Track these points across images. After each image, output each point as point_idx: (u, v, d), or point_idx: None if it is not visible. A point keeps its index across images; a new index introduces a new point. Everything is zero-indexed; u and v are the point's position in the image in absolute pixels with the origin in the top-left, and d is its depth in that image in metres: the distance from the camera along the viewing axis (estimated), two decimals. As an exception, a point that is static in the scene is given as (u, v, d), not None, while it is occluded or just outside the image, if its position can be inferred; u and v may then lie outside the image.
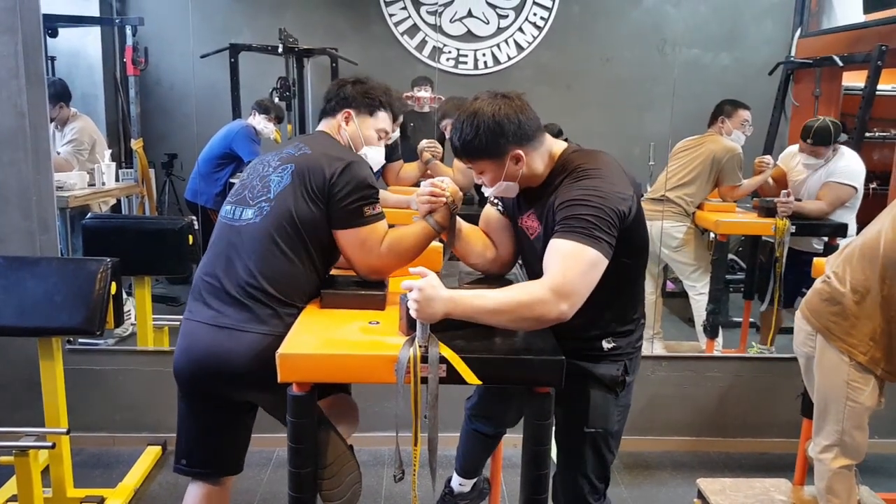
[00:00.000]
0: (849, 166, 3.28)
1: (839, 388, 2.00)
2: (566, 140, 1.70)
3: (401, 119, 2.02)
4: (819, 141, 3.25)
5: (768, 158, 3.58)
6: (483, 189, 1.69)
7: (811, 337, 2.09)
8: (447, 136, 3.27)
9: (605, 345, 1.68)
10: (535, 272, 1.62)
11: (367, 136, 1.86)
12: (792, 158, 3.52)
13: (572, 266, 1.42)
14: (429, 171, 3.23)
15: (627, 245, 1.55)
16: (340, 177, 1.64)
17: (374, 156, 1.88)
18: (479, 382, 1.41)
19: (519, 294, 1.42)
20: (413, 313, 1.39)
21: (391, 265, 1.73)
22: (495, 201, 1.81)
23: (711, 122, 3.61)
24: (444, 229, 1.75)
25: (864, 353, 1.96)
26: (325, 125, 1.87)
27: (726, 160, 3.45)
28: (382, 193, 2.91)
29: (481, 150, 1.56)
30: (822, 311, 2.04)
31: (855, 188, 3.27)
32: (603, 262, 1.45)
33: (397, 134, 3.06)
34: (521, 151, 1.56)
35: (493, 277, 1.89)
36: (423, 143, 3.24)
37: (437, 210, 1.73)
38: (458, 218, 1.77)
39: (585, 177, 1.53)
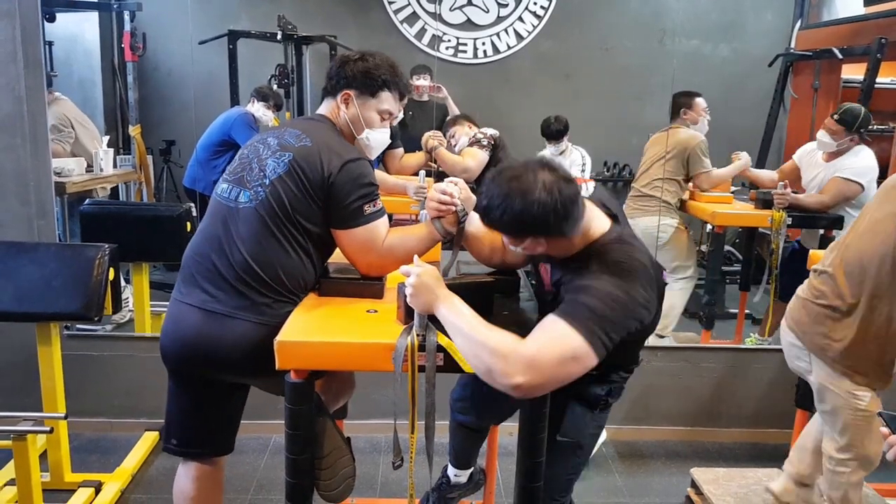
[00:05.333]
0: (859, 163, 3.13)
1: (843, 399, 1.99)
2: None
3: (406, 99, 1.87)
4: (842, 121, 3.11)
5: (742, 153, 3.61)
6: None
7: (803, 352, 2.08)
8: (455, 146, 3.27)
9: (600, 391, 1.64)
10: (541, 311, 1.58)
11: (367, 118, 1.75)
12: (808, 154, 3.41)
13: (552, 348, 1.31)
14: (431, 161, 3.23)
15: (642, 331, 1.48)
16: (339, 176, 1.60)
17: (378, 137, 1.79)
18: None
19: (493, 337, 1.33)
20: (408, 298, 1.40)
21: (391, 265, 1.70)
22: None
23: (674, 116, 3.62)
24: (449, 234, 1.71)
25: (860, 374, 1.96)
26: (326, 107, 1.78)
27: (692, 147, 3.49)
28: (380, 175, 2.91)
29: (500, 227, 1.45)
30: (809, 329, 2.04)
31: (861, 186, 3.12)
32: (589, 359, 1.32)
33: (400, 116, 3.03)
34: (543, 240, 1.44)
35: (499, 272, 1.82)
36: (428, 133, 3.24)
37: (445, 216, 1.69)
38: (466, 223, 1.71)
39: (617, 274, 1.39)
